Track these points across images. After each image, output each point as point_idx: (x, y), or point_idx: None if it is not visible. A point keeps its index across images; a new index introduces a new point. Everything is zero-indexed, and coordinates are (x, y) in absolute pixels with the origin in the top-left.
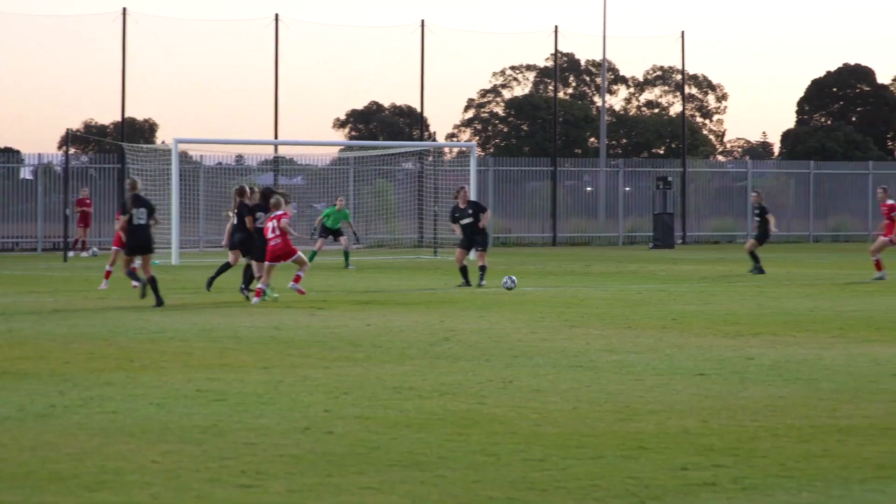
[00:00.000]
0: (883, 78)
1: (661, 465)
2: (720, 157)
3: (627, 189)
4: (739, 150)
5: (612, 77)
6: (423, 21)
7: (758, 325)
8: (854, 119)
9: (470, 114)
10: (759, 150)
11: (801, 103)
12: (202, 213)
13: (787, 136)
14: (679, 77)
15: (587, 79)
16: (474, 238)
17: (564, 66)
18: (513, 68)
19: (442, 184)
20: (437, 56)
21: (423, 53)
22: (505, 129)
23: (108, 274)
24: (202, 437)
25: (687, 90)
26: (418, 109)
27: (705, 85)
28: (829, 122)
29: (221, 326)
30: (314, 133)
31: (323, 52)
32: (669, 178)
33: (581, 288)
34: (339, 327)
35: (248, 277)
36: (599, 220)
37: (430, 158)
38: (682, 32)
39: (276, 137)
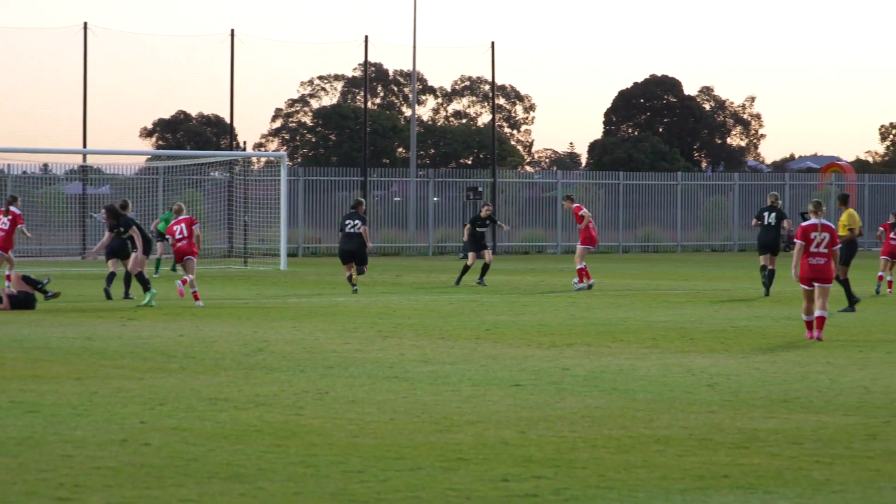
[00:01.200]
0: (689, 89)
1: (482, 476)
2: (528, 168)
3: (437, 199)
4: (547, 160)
5: (421, 87)
6: (232, 30)
7: (571, 336)
8: (661, 130)
9: (278, 123)
10: (566, 161)
11: (608, 114)
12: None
13: (594, 147)
14: (488, 87)
15: (395, 89)
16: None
17: (373, 76)
18: (321, 78)
19: (252, 193)
20: (246, 65)
21: (233, 63)
22: (313, 139)
23: None
24: (18, 449)
25: (496, 101)
26: (227, 119)
27: (513, 95)
28: (636, 133)
29: (32, 337)
30: (122, 142)
31: (131, 60)
32: (479, 189)
33: (393, 298)
34: (152, 338)
35: (128, 282)
36: (409, 231)
37: (239, 168)
38: (492, 43)
39: (83, 146)
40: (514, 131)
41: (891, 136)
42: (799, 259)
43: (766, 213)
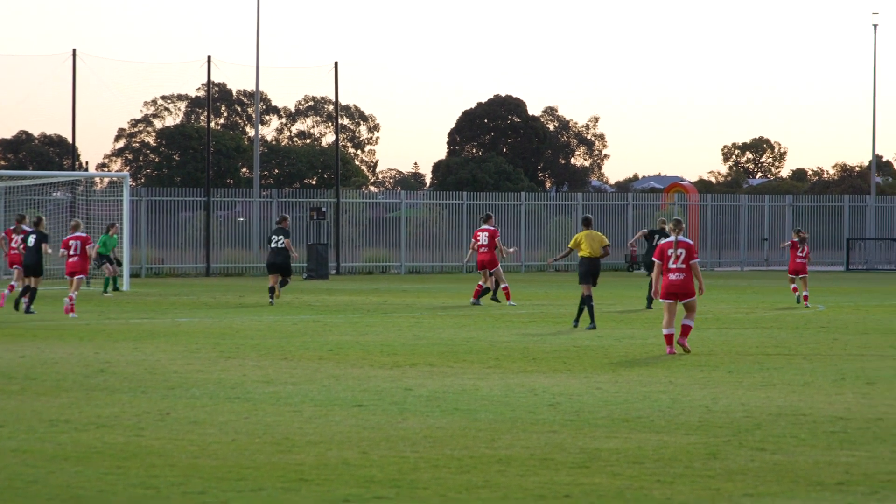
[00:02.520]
0: (533, 109)
1: (323, 497)
2: (373, 188)
3: None
4: (392, 180)
5: (265, 107)
6: (74, 50)
7: (414, 356)
8: (505, 150)
9: (121, 143)
10: (411, 181)
11: (452, 134)
12: None
13: (438, 167)
14: (331, 107)
15: (239, 109)
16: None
17: (217, 96)
18: (164, 98)
19: (94, 213)
20: (89, 85)
21: (75, 83)
22: (157, 160)
23: None
24: None
25: (339, 121)
26: (69, 139)
27: (357, 116)
28: (480, 154)
29: None
30: None
31: None
32: (323, 209)
33: (236, 318)
34: None
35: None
36: (253, 251)
37: (82, 188)
38: (336, 63)
39: None
40: (359, 151)
41: (733, 157)
42: (659, 276)
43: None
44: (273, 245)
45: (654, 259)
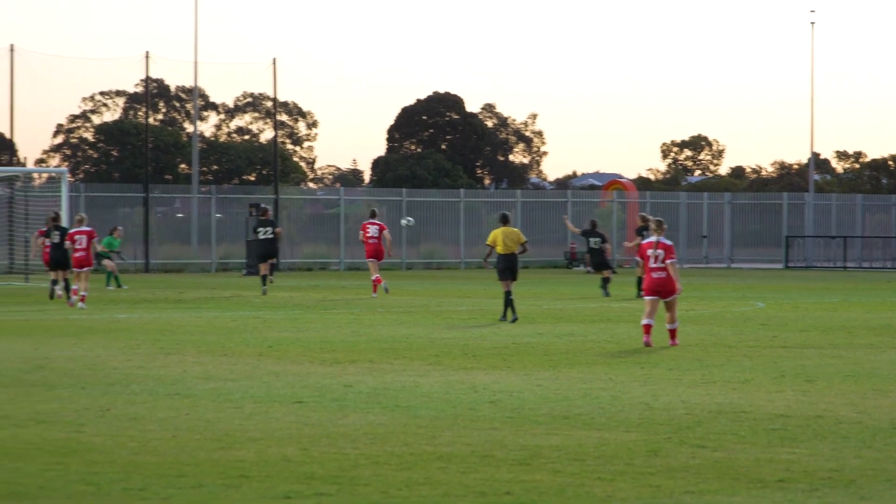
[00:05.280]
0: (472, 106)
1: (264, 493)
2: (311, 185)
3: (219, 216)
4: (330, 176)
5: (203, 103)
6: (11, 45)
7: (354, 353)
8: (444, 147)
9: (60, 139)
10: (349, 178)
11: (391, 131)
12: None
13: (377, 164)
14: (270, 104)
15: (178, 105)
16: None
17: (155, 92)
18: (102, 94)
19: (32, 209)
20: (26, 80)
21: (13, 77)
22: (95, 155)
23: None
24: None
25: (278, 117)
26: (7, 134)
27: (296, 112)
28: (419, 150)
29: None
30: None
31: None
32: (262, 205)
33: (175, 315)
34: None
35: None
36: (193, 247)
37: (20, 184)
38: (274, 59)
39: None
40: (297, 147)
41: (671, 154)
42: (644, 273)
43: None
44: (261, 236)
45: (637, 258)
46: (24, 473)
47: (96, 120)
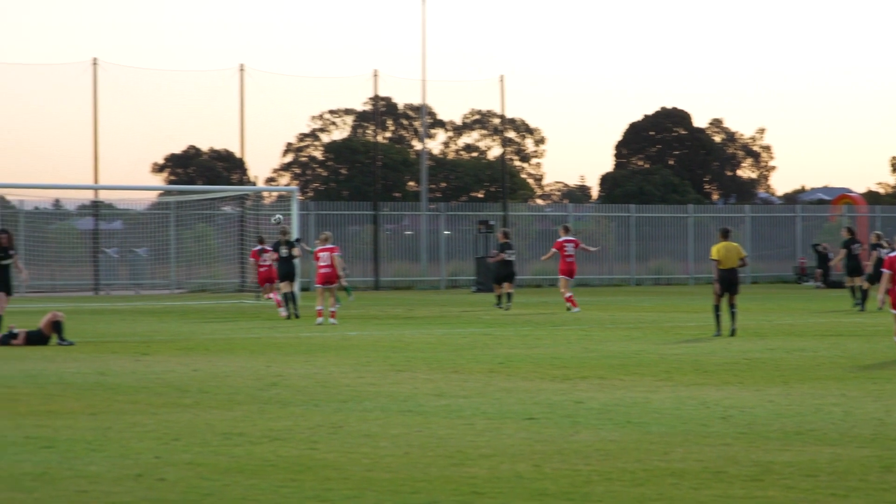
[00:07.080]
0: (699, 121)
1: None
2: (539, 201)
3: (448, 233)
4: (558, 193)
5: (431, 121)
6: (241, 65)
7: (584, 369)
8: (671, 162)
9: (289, 158)
10: (577, 194)
11: (618, 147)
12: (22, 256)
13: (605, 180)
14: (497, 120)
15: (405, 122)
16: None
17: (383, 110)
18: (331, 112)
19: (263, 228)
20: (256, 100)
21: (243, 97)
22: (324, 174)
23: None
24: (33, 485)
25: (505, 134)
26: (237, 153)
27: (523, 129)
28: (646, 166)
29: (47, 372)
30: (133, 178)
31: (141, 95)
32: (491, 222)
33: (406, 332)
34: (166, 373)
35: None
36: (422, 264)
37: (250, 202)
38: (502, 76)
39: (95, 182)
40: (525, 164)
41: None
42: (886, 287)
43: None
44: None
45: (883, 270)
46: (259, 490)
47: (325, 138)
